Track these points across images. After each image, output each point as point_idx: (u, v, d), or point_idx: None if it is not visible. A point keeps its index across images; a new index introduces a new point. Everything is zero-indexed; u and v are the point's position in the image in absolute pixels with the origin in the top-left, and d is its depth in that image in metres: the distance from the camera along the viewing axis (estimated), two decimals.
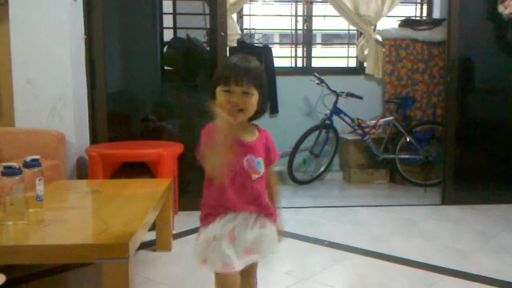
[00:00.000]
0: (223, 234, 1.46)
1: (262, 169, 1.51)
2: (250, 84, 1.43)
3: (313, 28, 5.20)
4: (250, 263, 1.54)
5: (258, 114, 1.51)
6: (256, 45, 4.99)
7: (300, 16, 5.11)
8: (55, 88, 3.13)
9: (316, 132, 4.60)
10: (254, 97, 1.45)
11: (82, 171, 3.24)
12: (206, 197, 1.51)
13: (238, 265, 1.48)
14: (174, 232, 2.91)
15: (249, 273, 1.61)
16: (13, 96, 3.12)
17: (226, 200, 1.48)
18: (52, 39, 3.11)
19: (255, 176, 1.49)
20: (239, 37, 4.82)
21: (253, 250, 1.51)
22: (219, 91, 1.43)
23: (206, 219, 1.50)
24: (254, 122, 1.56)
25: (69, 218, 1.93)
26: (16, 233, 1.74)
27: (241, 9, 4.99)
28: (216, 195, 1.48)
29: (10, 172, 1.79)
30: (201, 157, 1.39)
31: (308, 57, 5.13)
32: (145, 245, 2.74)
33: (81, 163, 3.25)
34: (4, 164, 1.82)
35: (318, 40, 7.34)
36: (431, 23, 4.80)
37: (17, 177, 1.80)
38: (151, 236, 2.72)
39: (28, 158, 1.96)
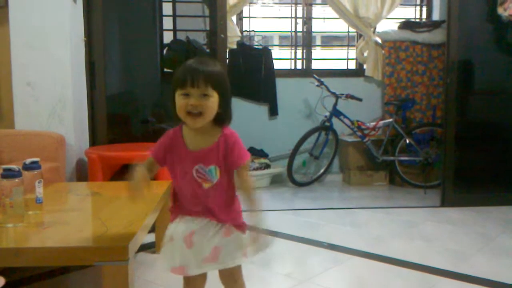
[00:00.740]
0: (180, 238, 1.47)
1: (215, 177, 1.45)
2: (207, 86, 1.38)
3: (313, 30, 5.20)
4: (211, 270, 1.51)
5: (223, 117, 1.45)
6: (256, 47, 4.99)
7: (300, 18, 5.11)
8: (55, 90, 3.13)
9: (316, 134, 4.61)
10: (213, 99, 1.40)
11: (81, 173, 3.24)
12: (174, 195, 1.54)
13: (193, 270, 1.46)
14: None
15: (232, 278, 1.58)
16: (13, 98, 3.13)
17: (182, 204, 1.49)
18: (52, 41, 3.11)
19: (206, 185, 1.46)
20: (239, 39, 4.83)
21: (215, 259, 1.46)
22: (177, 95, 1.41)
23: (172, 213, 1.53)
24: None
25: (68, 220, 1.93)
26: (15, 235, 1.74)
27: (241, 11, 4.99)
28: (178, 196, 1.51)
29: (9, 174, 1.79)
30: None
31: (308, 59, 5.13)
32: (144, 247, 2.74)
33: (80, 165, 3.25)
34: (4, 166, 1.82)
35: (318, 42, 7.33)
36: (431, 25, 4.80)
37: (16, 180, 1.80)
38: (150, 238, 2.71)
39: (28, 161, 1.96)
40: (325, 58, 5.66)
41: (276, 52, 6.71)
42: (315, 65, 5.17)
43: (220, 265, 1.48)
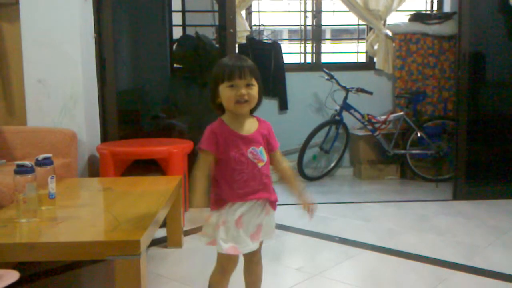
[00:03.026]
0: (232, 220, 1.60)
1: (265, 157, 1.64)
2: (251, 77, 1.58)
3: (322, 23, 5.17)
4: (255, 247, 1.66)
5: (257, 105, 1.65)
6: (265, 41, 4.98)
7: (309, 11, 5.09)
8: (66, 87, 3.15)
9: (326, 128, 4.59)
10: (256, 89, 1.60)
11: (93, 169, 3.27)
12: (218, 185, 1.62)
13: (244, 249, 1.62)
14: (184, 228, 2.92)
15: (255, 257, 1.73)
16: (24, 95, 3.15)
17: (232, 190, 1.60)
18: (63, 38, 3.13)
19: (260, 164, 1.63)
20: (248, 33, 4.82)
21: (258, 236, 1.65)
22: (223, 88, 1.58)
23: (217, 203, 1.62)
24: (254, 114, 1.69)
25: (81, 215, 1.95)
26: (29, 230, 1.76)
27: (250, 6, 4.98)
28: (228, 184, 1.60)
29: (23, 170, 1.81)
30: (199, 151, 1.61)
31: (318, 52, 5.11)
32: (156, 242, 2.76)
33: (92, 161, 3.27)
34: (17, 162, 1.84)
35: (328, 35, 7.31)
36: (442, 17, 4.75)
37: (29, 176, 1.82)
38: (162, 232, 2.73)
39: (41, 157, 1.99)
40: (335, 52, 5.65)
41: (285, 46, 6.69)
42: (325, 58, 5.15)
43: (260, 239, 1.67)
